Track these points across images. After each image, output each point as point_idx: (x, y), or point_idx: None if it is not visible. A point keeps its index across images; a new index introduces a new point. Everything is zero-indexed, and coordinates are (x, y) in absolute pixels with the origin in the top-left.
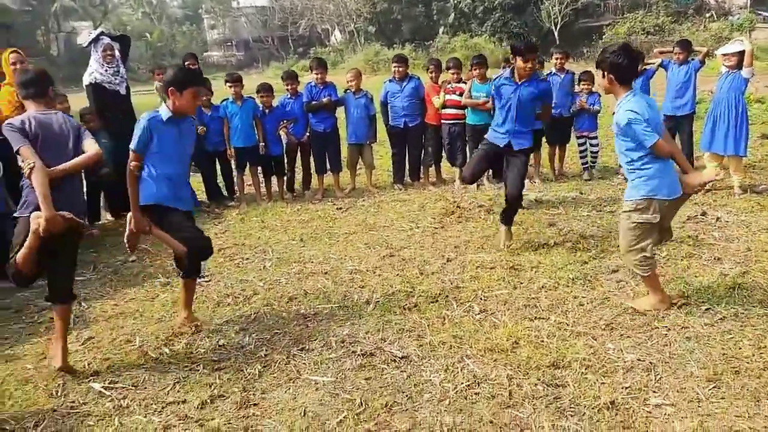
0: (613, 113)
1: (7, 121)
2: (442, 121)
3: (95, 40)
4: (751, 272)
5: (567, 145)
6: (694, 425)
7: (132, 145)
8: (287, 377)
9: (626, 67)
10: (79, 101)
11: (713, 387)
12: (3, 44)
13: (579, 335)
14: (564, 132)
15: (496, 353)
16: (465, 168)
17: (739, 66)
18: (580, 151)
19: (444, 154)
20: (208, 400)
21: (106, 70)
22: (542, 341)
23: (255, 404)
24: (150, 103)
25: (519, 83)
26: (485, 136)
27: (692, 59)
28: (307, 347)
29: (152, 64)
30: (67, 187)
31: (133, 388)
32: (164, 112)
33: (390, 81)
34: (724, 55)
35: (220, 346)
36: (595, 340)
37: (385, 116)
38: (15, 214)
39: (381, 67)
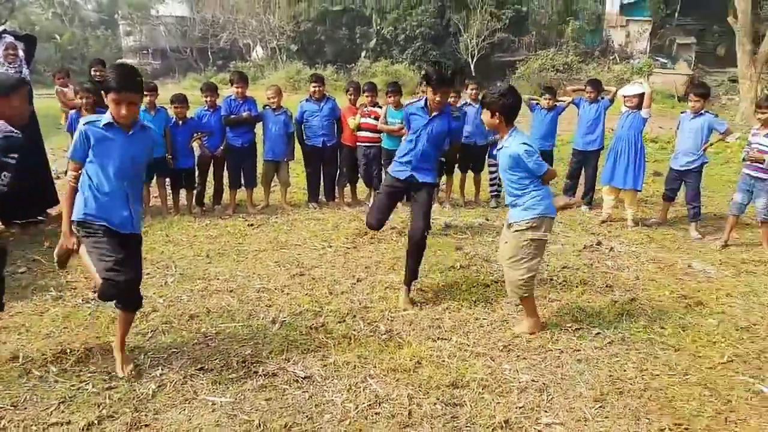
0: (499, 148)
1: None
2: (358, 143)
3: None
4: (638, 299)
5: (481, 173)
6: None
7: (68, 154)
8: (183, 398)
9: (514, 108)
10: None
11: (599, 407)
12: None
13: (478, 356)
14: (478, 160)
15: (399, 373)
16: (369, 214)
17: (638, 106)
18: (491, 179)
19: (360, 174)
20: (96, 421)
21: (6, 70)
22: (443, 361)
23: (147, 425)
24: (53, 107)
25: (431, 117)
26: (387, 170)
27: (602, 98)
28: (206, 367)
29: (60, 68)
30: None
31: (12, 408)
32: (106, 116)
33: (307, 101)
34: (626, 96)
35: (113, 365)
36: (493, 360)
37: (300, 135)
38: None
39: (302, 86)
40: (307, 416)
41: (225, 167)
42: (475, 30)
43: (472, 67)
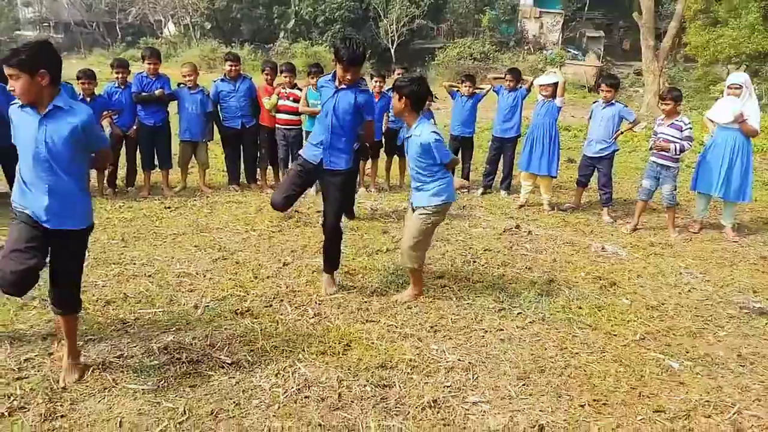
0: (408, 136)
1: None
2: (277, 125)
3: None
4: (556, 280)
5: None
6: (506, 421)
7: None
8: (101, 386)
9: (421, 98)
10: None
11: (523, 385)
12: None
13: (406, 337)
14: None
15: (328, 356)
16: (275, 192)
17: (553, 95)
18: None
19: (280, 157)
20: (6, 413)
21: None
22: (372, 343)
23: (63, 416)
24: None
25: (338, 87)
26: (299, 152)
27: (520, 87)
28: (125, 354)
29: None
30: None
31: None
32: None
33: (222, 80)
34: (541, 85)
35: (23, 353)
36: (421, 341)
37: (217, 116)
38: None
39: (217, 64)
40: (234, 402)
41: (137, 147)
42: (395, 15)
43: (392, 52)
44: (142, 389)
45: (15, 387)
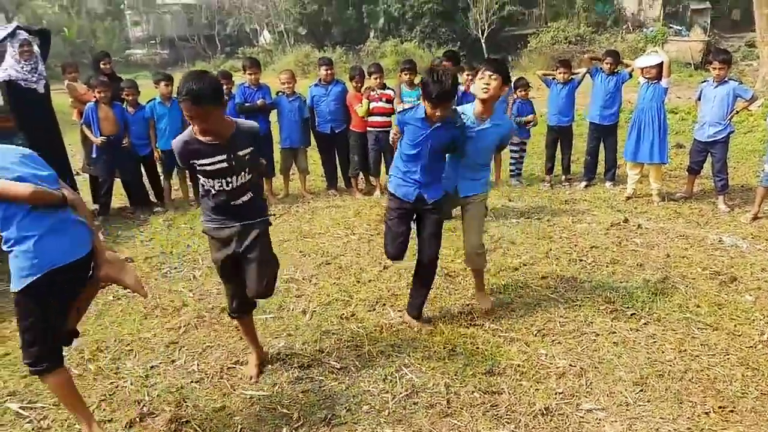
0: (483, 129)
1: None
2: (368, 128)
3: (11, 35)
4: (670, 277)
5: (501, 153)
6: (624, 429)
7: None
8: (221, 392)
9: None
10: None
11: (640, 390)
12: None
13: (513, 341)
14: None
15: (433, 361)
16: (387, 245)
17: (658, 77)
18: (513, 159)
19: (370, 161)
20: (138, 419)
21: (22, 67)
22: (478, 348)
23: (187, 421)
24: (64, 102)
25: (432, 128)
26: (389, 188)
27: (620, 71)
28: (241, 360)
29: (70, 62)
30: None
31: (54, 407)
32: None
33: (315, 85)
34: (645, 67)
35: (148, 360)
36: (528, 346)
37: (312, 121)
38: None
39: (311, 69)
40: (345, 408)
41: None
42: (484, 4)
43: (483, 42)
44: (258, 395)
45: (144, 393)
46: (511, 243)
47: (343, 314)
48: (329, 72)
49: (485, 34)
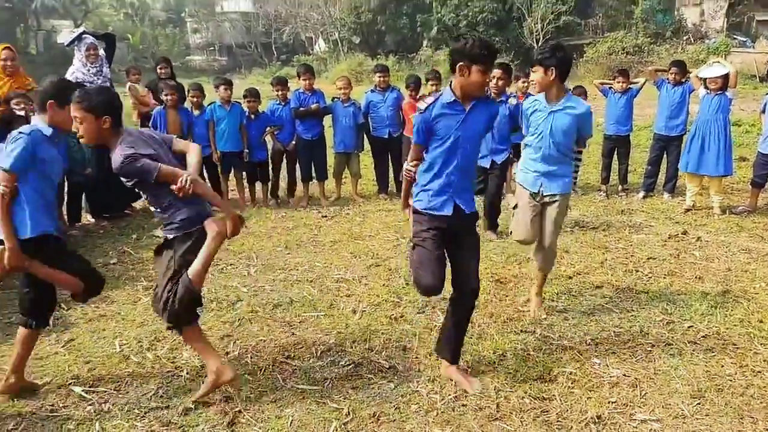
0: (554, 111)
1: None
2: None
3: (78, 39)
4: (731, 291)
5: None
6: None
7: (5, 165)
8: (273, 385)
9: (569, 63)
10: None
11: (697, 404)
12: None
13: (565, 349)
14: None
15: (482, 365)
16: (424, 276)
17: (722, 88)
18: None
19: None
20: (192, 407)
21: (88, 70)
22: (529, 354)
23: (239, 412)
24: (126, 104)
25: (467, 108)
26: (416, 207)
27: (686, 81)
28: (293, 355)
29: (133, 65)
30: None
31: (115, 392)
32: (45, 127)
33: (372, 91)
34: (709, 78)
35: None
36: (581, 354)
37: (367, 126)
38: (172, 235)
39: (364, 77)
40: (394, 406)
41: (297, 160)
42: (540, 14)
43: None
44: (309, 389)
45: (198, 383)
46: (565, 251)
47: (393, 315)
48: (384, 79)
49: (540, 44)
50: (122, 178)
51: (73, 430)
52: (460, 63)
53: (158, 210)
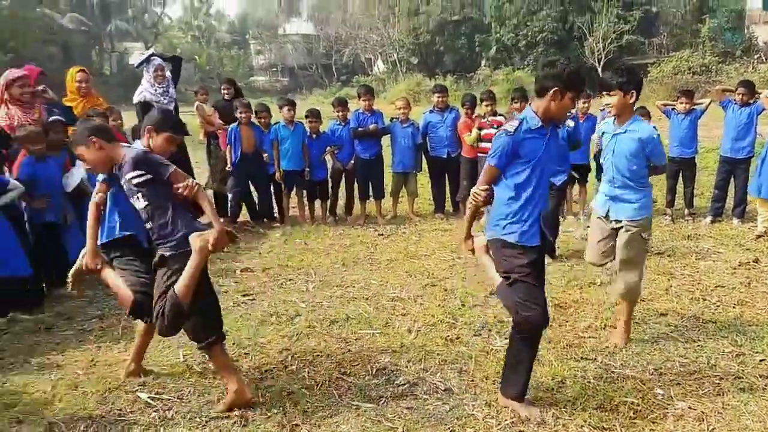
0: (617, 134)
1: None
2: (479, 154)
3: (147, 61)
4: None
5: None
6: None
7: (102, 177)
8: (329, 401)
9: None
10: (130, 119)
11: None
12: (59, 62)
13: (627, 378)
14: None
15: (540, 391)
16: (535, 310)
17: None
18: None
19: None
20: (251, 418)
21: (155, 90)
22: (589, 382)
23: (296, 425)
24: (193, 122)
25: (548, 132)
26: (507, 240)
27: (754, 101)
28: (349, 371)
29: (202, 85)
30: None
31: (178, 400)
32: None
33: (431, 112)
34: None
35: (263, 364)
36: (644, 384)
37: (425, 146)
38: (168, 253)
39: (422, 98)
40: (449, 428)
41: (355, 179)
42: (601, 33)
43: (599, 71)
44: (365, 407)
45: (257, 394)
46: None
47: (448, 336)
48: (443, 99)
49: (602, 63)
50: (133, 172)
51: None
52: (555, 88)
53: (156, 226)
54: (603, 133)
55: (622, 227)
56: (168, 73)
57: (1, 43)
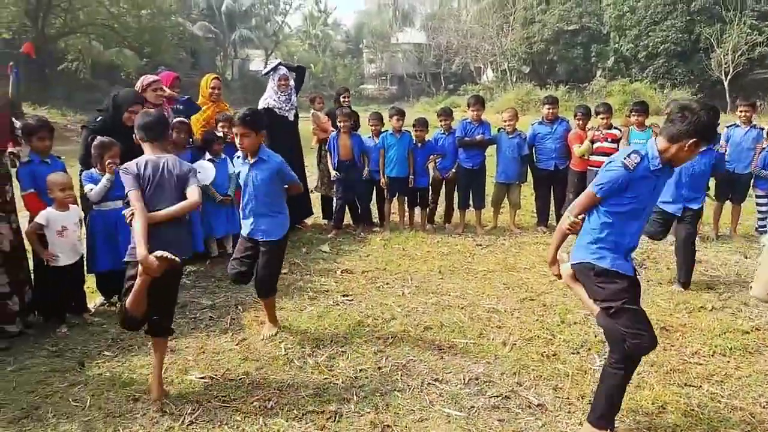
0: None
1: (123, 165)
2: (589, 167)
3: (274, 70)
4: None
5: (742, 204)
6: None
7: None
8: (420, 405)
9: None
10: None
11: None
12: (188, 67)
13: (735, 410)
14: (741, 190)
15: (639, 415)
16: (646, 335)
17: None
18: (760, 214)
19: None
20: (344, 414)
21: (279, 97)
22: (692, 410)
23: (388, 426)
24: (307, 129)
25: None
26: (603, 267)
27: None
28: (441, 378)
29: (319, 93)
30: (169, 231)
31: (278, 392)
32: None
33: (539, 123)
34: None
35: (358, 363)
36: (754, 417)
37: (532, 158)
38: (125, 259)
39: (531, 107)
40: None
41: (456, 188)
42: (731, 44)
43: (725, 85)
44: (456, 415)
45: (352, 393)
46: (743, 304)
47: (545, 352)
48: (553, 111)
49: (729, 77)
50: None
51: (240, 421)
52: (694, 140)
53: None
54: None
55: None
56: (291, 83)
57: (140, 50)
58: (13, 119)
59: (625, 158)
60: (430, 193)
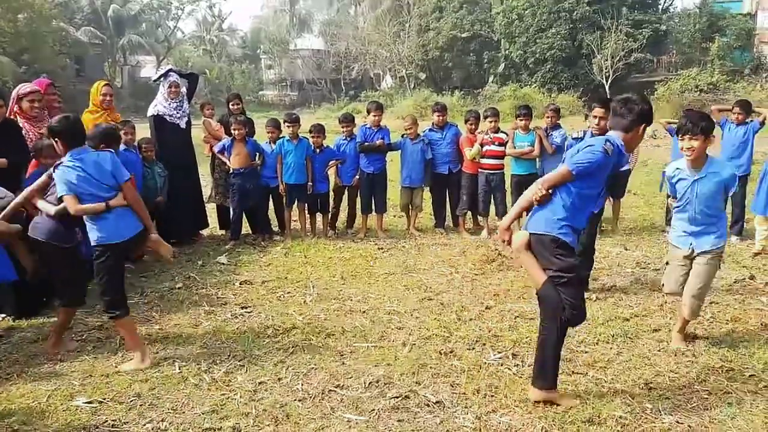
0: (698, 179)
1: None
2: (480, 170)
3: (164, 75)
4: None
5: (620, 201)
6: None
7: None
8: (321, 413)
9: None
10: (142, 131)
11: None
12: (73, 74)
13: (617, 393)
14: (620, 186)
15: (530, 405)
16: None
17: None
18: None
19: (480, 200)
20: (243, 430)
21: (169, 104)
22: (579, 396)
23: None
24: (197, 136)
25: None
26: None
27: (751, 120)
28: (342, 384)
29: (208, 100)
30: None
31: (172, 411)
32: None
33: (430, 130)
34: None
35: (257, 376)
36: (633, 398)
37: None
38: None
39: (428, 112)
40: None
41: (358, 193)
42: (610, 51)
43: (606, 89)
44: (356, 419)
45: (251, 407)
46: (623, 293)
47: (442, 350)
48: (442, 117)
49: (609, 81)
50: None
51: None
52: (643, 125)
53: None
54: (678, 179)
55: (698, 256)
56: (183, 90)
57: (17, 56)
58: None
59: (604, 144)
60: (333, 198)
